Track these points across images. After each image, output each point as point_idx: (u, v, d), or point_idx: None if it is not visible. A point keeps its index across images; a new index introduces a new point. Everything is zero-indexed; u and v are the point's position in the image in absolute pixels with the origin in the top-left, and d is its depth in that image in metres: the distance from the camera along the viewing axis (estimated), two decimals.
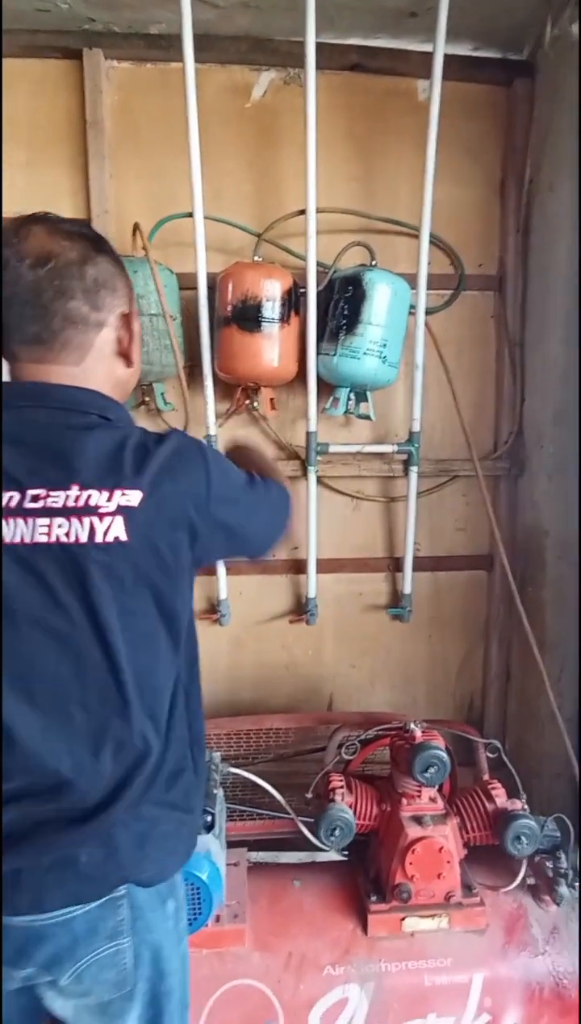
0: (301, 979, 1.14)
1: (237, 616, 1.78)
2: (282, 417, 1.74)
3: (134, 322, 0.79)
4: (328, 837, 1.20)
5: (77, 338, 0.73)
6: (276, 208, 1.65)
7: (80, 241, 0.74)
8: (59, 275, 0.70)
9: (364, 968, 1.14)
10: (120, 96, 1.65)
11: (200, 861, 1.06)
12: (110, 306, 0.75)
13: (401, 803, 1.21)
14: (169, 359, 1.55)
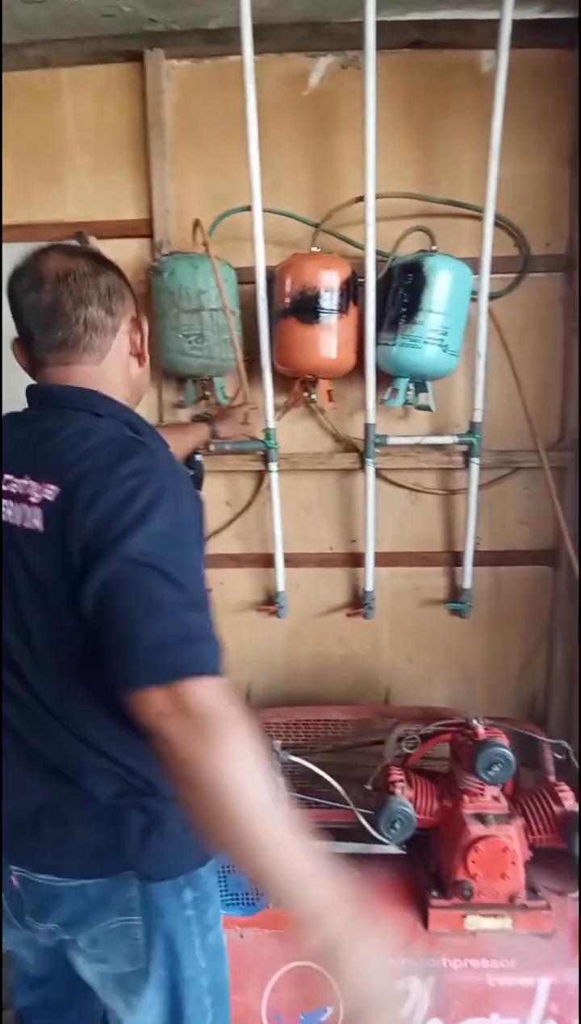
0: None
1: (294, 608, 1.78)
2: (340, 409, 1.71)
3: (143, 324, 0.86)
4: (388, 830, 1.20)
5: (97, 341, 0.79)
6: (334, 197, 1.62)
7: (88, 258, 0.82)
8: (77, 286, 0.78)
9: (425, 962, 1.13)
10: (180, 95, 1.66)
11: None
12: (122, 311, 0.82)
13: (463, 800, 1.19)
14: (229, 353, 1.56)
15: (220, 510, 1.80)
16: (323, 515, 1.78)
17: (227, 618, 1.85)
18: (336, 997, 1.13)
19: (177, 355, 1.56)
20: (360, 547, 1.73)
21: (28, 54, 1.62)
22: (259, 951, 1.15)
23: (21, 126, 1.69)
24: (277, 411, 1.66)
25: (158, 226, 1.66)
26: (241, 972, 1.14)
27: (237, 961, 1.14)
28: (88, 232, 1.67)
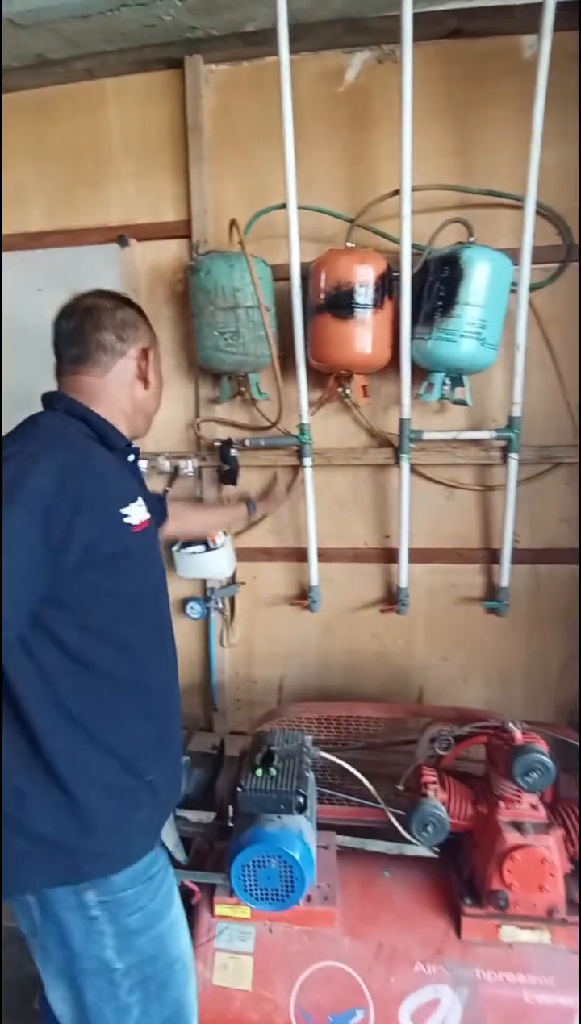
0: (391, 971, 1.08)
1: (327, 603, 1.74)
2: (374, 404, 1.66)
3: (151, 355, 0.99)
4: (420, 832, 1.13)
5: (104, 359, 0.94)
6: (369, 192, 1.57)
7: (113, 298, 0.99)
8: (96, 316, 0.94)
9: (458, 971, 1.06)
10: (218, 98, 1.65)
11: (293, 841, 1.04)
12: (132, 340, 0.96)
13: (499, 806, 1.11)
14: (264, 349, 1.53)
15: None
16: (357, 510, 1.73)
17: (260, 611, 1.82)
18: (367, 999, 1.08)
19: (213, 352, 1.55)
20: (394, 543, 1.66)
21: (75, 67, 1.64)
22: (288, 947, 1.11)
23: (68, 136, 1.72)
24: (311, 407, 1.62)
25: (196, 226, 1.65)
26: (269, 967, 1.10)
27: (265, 956, 1.11)
28: (129, 235, 1.68)
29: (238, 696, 1.86)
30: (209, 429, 1.75)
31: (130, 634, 0.86)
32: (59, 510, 0.73)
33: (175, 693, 1.01)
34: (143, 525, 0.87)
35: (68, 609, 0.78)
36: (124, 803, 0.84)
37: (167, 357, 1.76)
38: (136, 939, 0.85)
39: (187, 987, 0.93)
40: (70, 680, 0.80)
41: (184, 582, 1.80)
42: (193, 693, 1.89)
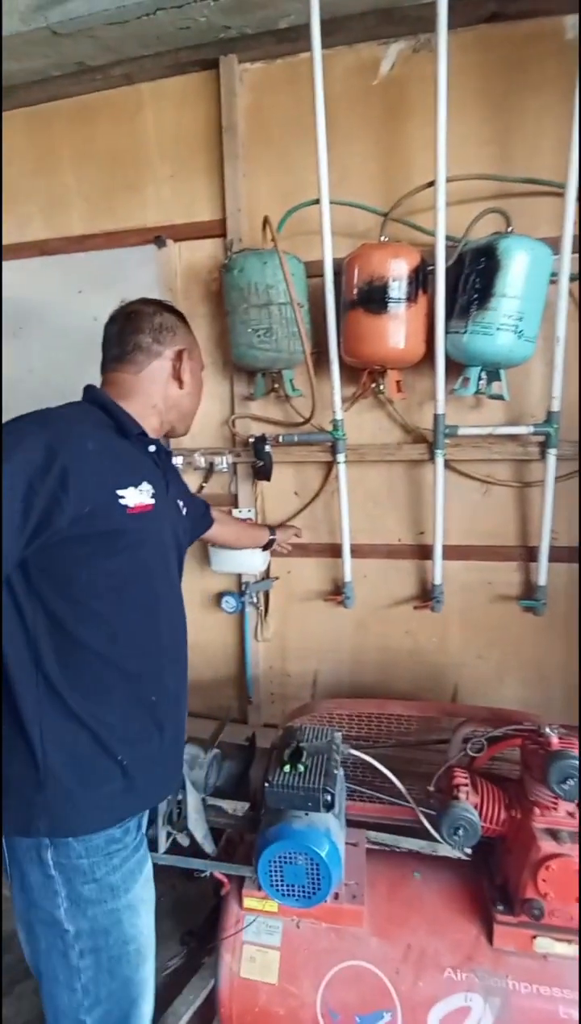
0: (420, 975, 1.04)
1: (361, 599, 1.69)
2: (409, 400, 1.59)
3: (187, 358, 1.02)
4: (451, 836, 1.07)
5: (140, 358, 0.99)
6: (404, 185, 1.50)
7: (155, 305, 1.04)
8: (136, 320, 1.00)
9: (489, 981, 1.00)
10: (252, 96, 1.61)
11: (320, 838, 1.01)
12: (169, 343, 1.00)
13: (533, 813, 1.04)
14: (296, 346, 1.49)
15: (288, 500, 1.74)
16: (391, 506, 1.67)
17: (294, 606, 1.79)
18: (395, 1001, 1.04)
19: (246, 349, 1.52)
20: (428, 539, 1.60)
21: (114, 73, 1.64)
22: (315, 943, 1.08)
23: (108, 141, 1.72)
24: (345, 403, 1.57)
25: (230, 225, 1.62)
26: (295, 962, 1.07)
27: (292, 951, 1.08)
28: (166, 235, 1.67)
29: (272, 690, 1.84)
30: (244, 426, 1.73)
31: (112, 613, 0.86)
32: (44, 484, 0.75)
33: (169, 684, 0.97)
34: (141, 508, 0.88)
35: (55, 579, 0.82)
36: (85, 774, 0.84)
37: (203, 355, 1.74)
38: (88, 908, 0.85)
39: (139, 970, 0.91)
40: (53, 646, 0.83)
41: (219, 576, 1.79)
42: (228, 685, 1.89)
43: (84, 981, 0.86)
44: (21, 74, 1.68)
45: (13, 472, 0.73)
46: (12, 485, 0.73)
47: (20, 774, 0.82)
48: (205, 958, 1.45)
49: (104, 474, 0.84)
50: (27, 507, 0.74)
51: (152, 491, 0.91)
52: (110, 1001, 0.88)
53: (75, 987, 0.86)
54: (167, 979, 1.44)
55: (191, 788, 1.17)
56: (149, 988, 0.95)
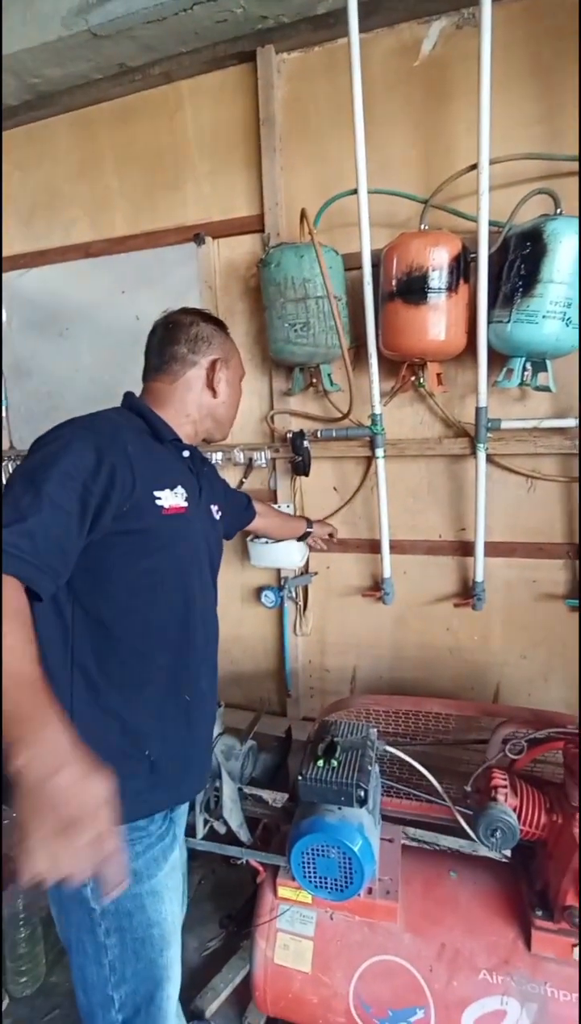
0: (454, 975, 1.04)
1: (400, 595, 1.68)
2: (450, 393, 1.56)
3: (223, 367, 1.04)
4: (488, 837, 1.07)
5: (176, 367, 1.02)
6: (445, 170, 1.45)
7: (194, 314, 1.06)
8: (174, 331, 1.03)
9: (527, 986, 1.00)
10: (289, 87, 1.60)
11: (352, 833, 1.03)
12: (205, 352, 1.03)
13: (575, 819, 1.02)
14: (334, 340, 1.48)
15: (327, 496, 1.74)
16: (432, 502, 1.65)
17: (332, 601, 1.80)
18: (428, 999, 1.05)
19: (283, 344, 1.53)
20: (470, 535, 1.57)
21: (153, 72, 1.67)
22: (348, 936, 1.10)
23: (148, 141, 1.76)
24: (384, 397, 1.56)
25: (268, 220, 1.63)
26: (328, 953, 1.10)
27: (325, 941, 1.11)
28: (205, 232, 1.70)
29: (311, 684, 1.87)
30: (282, 421, 1.74)
31: (148, 611, 0.89)
32: (96, 484, 0.79)
33: (202, 686, 0.99)
34: (175, 510, 0.91)
35: (93, 576, 0.84)
36: (114, 767, 0.84)
37: (241, 351, 1.76)
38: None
39: (164, 953, 0.93)
40: (90, 642, 0.86)
41: (259, 571, 1.82)
42: (268, 678, 1.92)
43: (111, 958, 0.89)
44: (64, 79, 1.73)
45: (68, 475, 0.77)
46: (69, 487, 0.77)
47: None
48: (243, 941, 1.51)
49: (143, 475, 0.86)
50: (84, 507, 0.78)
51: (185, 495, 0.94)
52: (136, 980, 0.91)
53: (103, 963, 0.89)
54: (206, 958, 1.50)
55: (227, 778, 1.21)
56: (174, 972, 0.97)
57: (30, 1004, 1.44)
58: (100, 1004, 0.90)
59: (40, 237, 1.97)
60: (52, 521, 0.74)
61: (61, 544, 0.76)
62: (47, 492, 0.74)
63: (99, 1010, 0.90)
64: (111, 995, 0.90)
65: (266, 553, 1.68)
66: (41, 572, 0.73)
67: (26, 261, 1.99)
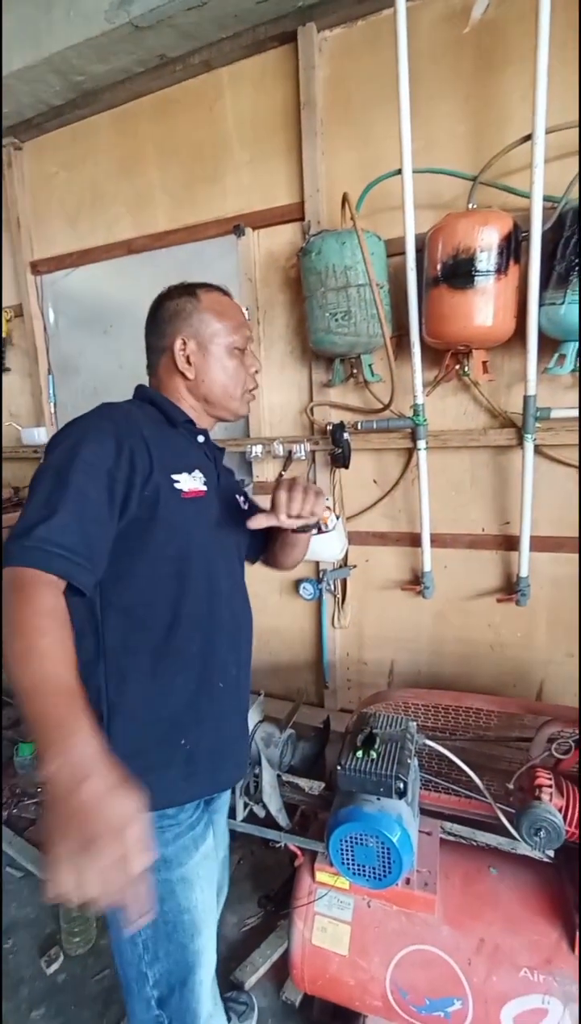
0: (494, 970, 1.05)
1: (441, 589, 1.66)
2: (496, 382, 1.51)
3: (189, 346, 0.95)
4: (531, 836, 1.06)
5: (153, 359, 1.00)
6: (496, 144, 1.40)
7: (165, 295, 0.98)
8: (147, 321, 0.99)
9: (569, 988, 0.99)
10: (331, 67, 1.57)
11: (391, 824, 1.04)
12: (168, 333, 0.96)
13: None
14: (376, 329, 1.46)
15: (367, 488, 1.74)
16: (475, 495, 1.61)
17: (371, 594, 1.80)
18: (466, 991, 1.06)
19: (324, 334, 1.52)
20: (515, 529, 1.53)
21: (193, 61, 1.67)
22: (386, 923, 1.13)
23: (188, 132, 1.77)
24: (426, 387, 1.53)
25: (309, 207, 1.61)
26: (366, 938, 1.13)
27: (362, 927, 1.14)
28: (244, 223, 1.70)
29: (348, 676, 1.89)
30: (322, 413, 1.74)
31: (173, 598, 0.87)
32: (119, 471, 0.79)
33: (232, 671, 0.96)
34: (194, 493, 0.89)
35: (118, 564, 0.82)
36: (150, 758, 0.85)
37: (280, 343, 1.77)
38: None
39: (195, 939, 0.92)
40: (120, 634, 0.85)
41: None
42: (305, 669, 1.96)
43: (144, 938, 0.90)
44: (107, 75, 1.76)
45: (92, 464, 0.76)
46: (95, 476, 0.76)
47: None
48: (280, 921, 1.56)
49: (160, 458, 0.85)
50: (111, 495, 0.78)
51: (204, 479, 0.92)
52: (169, 961, 0.92)
53: (137, 942, 0.90)
54: (245, 934, 1.57)
55: (266, 764, 1.25)
56: (207, 957, 0.96)
57: (82, 963, 1.55)
58: (135, 979, 0.93)
59: (84, 236, 2.02)
60: (84, 512, 0.74)
61: (96, 535, 0.75)
62: (75, 483, 0.74)
63: (135, 985, 0.93)
64: (145, 972, 0.92)
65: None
66: (79, 567, 0.72)
67: (72, 260, 2.06)
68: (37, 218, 2.13)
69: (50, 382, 2.23)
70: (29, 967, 1.55)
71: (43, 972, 1.52)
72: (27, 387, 2.30)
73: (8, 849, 1.92)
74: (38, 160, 2.08)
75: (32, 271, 2.16)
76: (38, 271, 2.15)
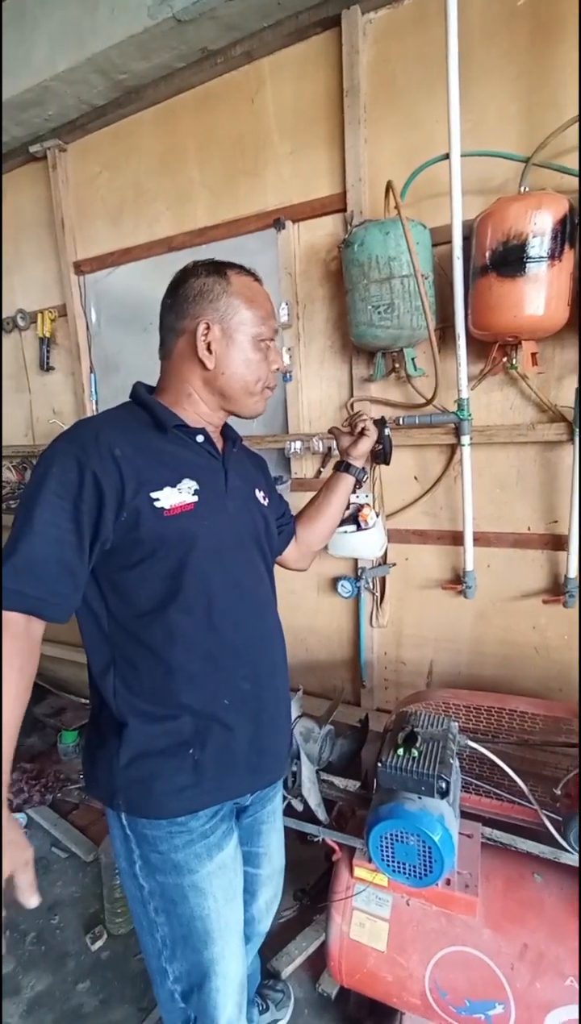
0: (537, 976, 1.05)
1: (483, 589, 1.64)
2: (546, 374, 1.47)
3: (214, 331, 0.89)
4: (579, 844, 1.05)
5: (168, 340, 0.94)
6: (550, 123, 1.35)
7: (191, 270, 0.93)
8: (167, 297, 0.94)
9: None
10: (376, 50, 1.55)
11: (433, 823, 1.05)
12: (191, 314, 0.90)
13: None
14: (420, 321, 1.45)
15: (408, 485, 1.73)
16: (521, 492, 1.58)
17: (411, 593, 1.79)
18: (508, 996, 1.06)
19: (366, 328, 1.51)
20: (563, 528, 1.50)
21: (234, 53, 1.68)
22: (425, 922, 1.14)
23: (229, 126, 1.79)
24: (472, 380, 1.51)
25: (351, 197, 1.60)
26: (404, 936, 1.14)
27: (400, 925, 1.16)
28: (285, 216, 1.71)
29: (386, 676, 1.89)
30: (362, 409, 1.74)
31: (168, 618, 0.86)
32: (84, 500, 0.79)
33: (242, 686, 0.93)
34: (179, 508, 0.84)
35: (115, 586, 0.86)
36: (158, 768, 0.87)
37: (320, 338, 1.77)
38: (156, 874, 0.90)
39: (208, 948, 0.92)
40: (127, 651, 0.88)
41: (336, 560, 1.85)
42: (342, 668, 1.97)
43: (162, 935, 0.93)
44: (149, 71, 1.79)
45: (57, 495, 0.78)
46: (59, 508, 0.77)
47: (105, 758, 0.89)
48: (316, 915, 1.60)
49: (135, 478, 0.81)
50: (77, 524, 0.78)
51: (195, 487, 0.87)
52: (185, 962, 0.93)
53: (155, 936, 0.93)
54: (282, 926, 1.61)
55: (306, 759, 1.28)
56: (224, 967, 0.94)
57: (124, 943, 1.63)
58: (157, 971, 0.96)
59: (126, 235, 2.08)
60: (47, 546, 0.76)
61: (60, 566, 0.78)
62: (39, 519, 0.77)
63: (157, 976, 0.96)
64: (165, 967, 0.94)
65: (344, 543, 1.70)
66: (42, 602, 0.77)
67: (113, 259, 2.11)
68: (80, 218, 2.19)
69: (92, 380, 2.31)
70: (75, 943, 1.64)
71: (88, 948, 1.61)
72: (70, 385, 2.38)
73: (53, 831, 2.03)
74: (81, 161, 2.14)
75: (75, 271, 2.23)
76: (81, 271, 2.22)
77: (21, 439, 2.61)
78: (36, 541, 0.76)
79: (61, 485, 0.78)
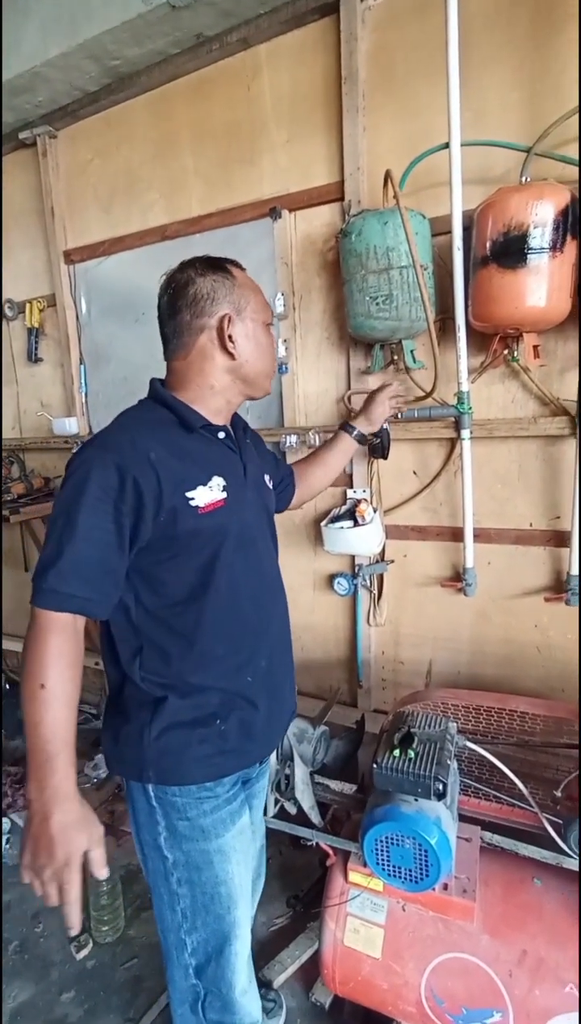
0: (537, 983, 1.04)
1: (483, 587, 1.64)
2: (548, 367, 1.48)
3: (235, 323, 0.97)
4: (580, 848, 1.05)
5: (185, 339, 0.98)
6: (553, 112, 1.36)
7: (196, 268, 0.99)
8: (174, 296, 0.98)
9: None
10: (375, 37, 1.56)
11: (429, 825, 1.05)
12: (209, 311, 0.96)
13: None
14: (419, 313, 1.45)
15: (406, 480, 1.73)
16: (522, 487, 1.58)
17: (409, 591, 1.79)
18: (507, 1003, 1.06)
19: (364, 319, 1.52)
20: (565, 524, 1.50)
21: (230, 39, 1.69)
22: (421, 928, 1.13)
23: (224, 114, 1.79)
24: (472, 373, 1.51)
25: (349, 186, 1.61)
26: (400, 942, 1.14)
27: (396, 931, 1.15)
28: (281, 205, 1.71)
29: (384, 676, 1.88)
30: (360, 402, 1.74)
31: (199, 606, 0.95)
32: (125, 503, 0.86)
33: (262, 664, 1.04)
34: (213, 506, 0.94)
35: (147, 579, 0.93)
36: (187, 738, 0.96)
37: (317, 330, 1.78)
38: (182, 842, 0.98)
39: (231, 912, 1.01)
40: (154, 638, 0.96)
41: (333, 557, 1.85)
42: (338, 667, 1.96)
43: (183, 906, 1.00)
44: (143, 57, 1.80)
45: (98, 499, 0.84)
46: (101, 511, 0.85)
47: (133, 733, 0.97)
48: (309, 922, 1.59)
49: (171, 480, 0.89)
50: (119, 527, 0.86)
51: (223, 484, 0.96)
52: (206, 930, 1.01)
53: (176, 909, 1.01)
54: (274, 934, 1.60)
55: (299, 761, 1.27)
56: (243, 931, 1.05)
57: (110, 951, 1.61)
58: (174, 946, 1.03)
59: (118, 223, 2.08)
60: (90, 553, 0.84)
61: (102, 570, 0.86)
62: (82, 523, 0.83)
63: (174, 951, 1.04)
64: (184, 939, 1.02)
65: (340, 539, 1.70)
66: (88, 602, 0.85)
67: (105, 248, 2.11)
68: (71, 206, 2.19)
69: (82, 372, 2.30)
70: (59, 952, 1.62)
71: (72, 957, 1.59)
72: (59, 377, 2.38)
73: None
74: (72, 148, 2.14)
75: (65, 260, 2.23)
76: (71, 260, 2.22)
77: (9, 432, 2.60)
78: (80, 545, 0.84)
79: (102, 490, 0.85)
